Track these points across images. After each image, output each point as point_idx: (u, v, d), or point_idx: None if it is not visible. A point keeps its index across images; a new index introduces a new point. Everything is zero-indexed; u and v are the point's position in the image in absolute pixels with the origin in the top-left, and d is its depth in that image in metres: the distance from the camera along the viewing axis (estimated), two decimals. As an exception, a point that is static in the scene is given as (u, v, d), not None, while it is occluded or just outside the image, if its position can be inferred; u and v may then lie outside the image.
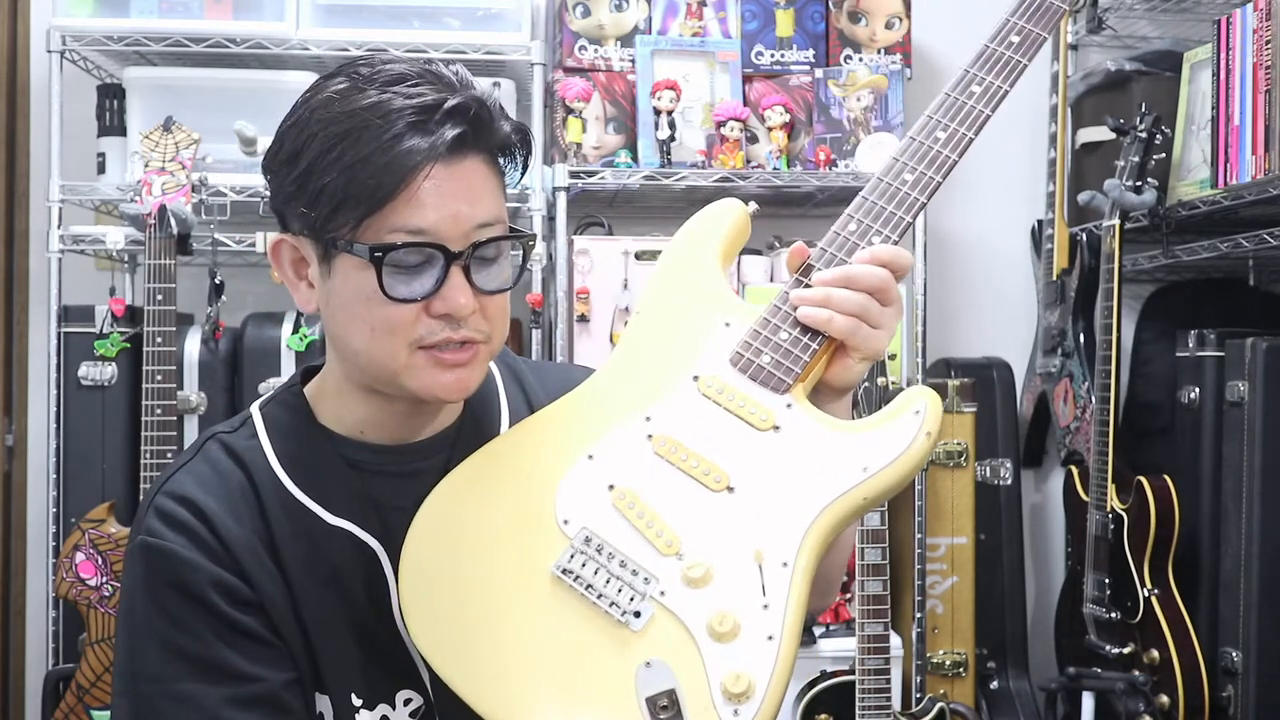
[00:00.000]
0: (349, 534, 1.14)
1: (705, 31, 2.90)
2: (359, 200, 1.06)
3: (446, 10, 2.74)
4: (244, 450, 1.16)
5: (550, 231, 2.76)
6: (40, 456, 2.81)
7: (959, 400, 2.88)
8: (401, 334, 1.09)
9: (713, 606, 1.00)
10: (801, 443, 1.08)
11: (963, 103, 1.20)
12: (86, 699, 2.45)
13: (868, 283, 1.11)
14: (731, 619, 1.00)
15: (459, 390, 1.13)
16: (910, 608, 2.78)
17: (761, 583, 1.01)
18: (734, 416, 1.10)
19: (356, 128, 1.07)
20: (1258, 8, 2.42)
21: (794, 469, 1.07)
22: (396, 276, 1.08)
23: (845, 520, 1.06)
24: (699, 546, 1.04)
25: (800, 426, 1.09)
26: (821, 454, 1.07)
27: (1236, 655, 2.53)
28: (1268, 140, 2.37)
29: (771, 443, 1.08)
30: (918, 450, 1.06)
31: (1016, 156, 3.22)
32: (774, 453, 1.08)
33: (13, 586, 3.00)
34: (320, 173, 1.07)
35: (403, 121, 1.06)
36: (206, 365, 2.64)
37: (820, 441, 1.08)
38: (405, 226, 1.07)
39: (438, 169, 1.07)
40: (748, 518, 1.05)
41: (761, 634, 0.99)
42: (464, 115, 1.08)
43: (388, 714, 1.15)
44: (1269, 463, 2.52)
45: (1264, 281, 2.92)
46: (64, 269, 2.66)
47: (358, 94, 1.08)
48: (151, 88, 2.72)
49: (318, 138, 1.08)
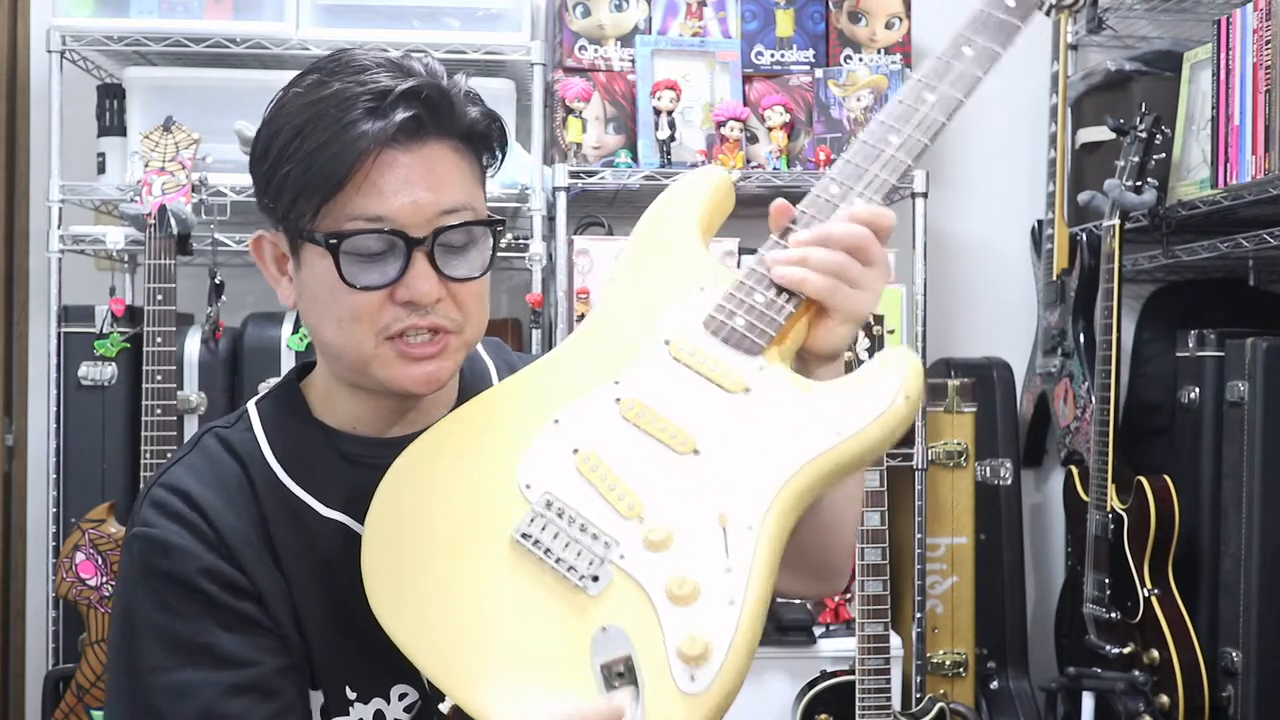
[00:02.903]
0: (342, 526, 1.14)
1: (705, 31, 2.90)
2: (315, 188, 1.07)
3: (446, 10, 2.74)
4: (240, 444, 1.16)
5: (550, 231, 2.76)
6: (40, 456, 2.81)
7: (959, 400, 2.88)
8: (367, 322, 1.09)
9: (673, 570, 0.97)
10: (773, 405, 1.04)
11: (953, 65, 1.16)
12: (86, 699, 2.45)
13: (846, 241, 1.08)
14: (691, 582, 0.96)
15: (429, 383, 1.12)
16: (910, 608, 2.78)
17: (725, 545, 0.98)
18: (705, 379, 1.06)
19: (314, 117, 1.07)
20: (1258, 8, 2.42)
21: (764, 431, 1.03)
22: (357, 264, 1.08)
23: (817, 485, 1.02)
24: (662, 509, 1.00)
25: (772, 388, 1.05)
26: (793, 416, 1.03)
27: (1236, 655, 2.53)
28: (1268, 140, 2.37)
29: (741, 405, 1.04)
30: (894, 414, 1.01)
31: (1016, 156, 3.22)
32: (744, 415, 1.04)
33: (13, 586, 3.00)
34: (283, 164, 1.09)
35: (358, 109, 1.06)
36: (206, 365, 2.64)
37: (792, 403, 1.04)
38: (363, 213, 1.07)
39: (397, 155, 1.08)
40: (713, 481, 1.01)
41: (723, 598, 0.96)
42: (416, 98, 1.08)
43: (382, 709, 1.15)
44: (1269, 463, 2.51)
45: (1264, 281, 2.92)
46: (64, 269, 2.66)
47: (321, 87, 1.09)
48: (151, 88, 2.72)
49: (282, 131, 1.09)
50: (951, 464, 2.87)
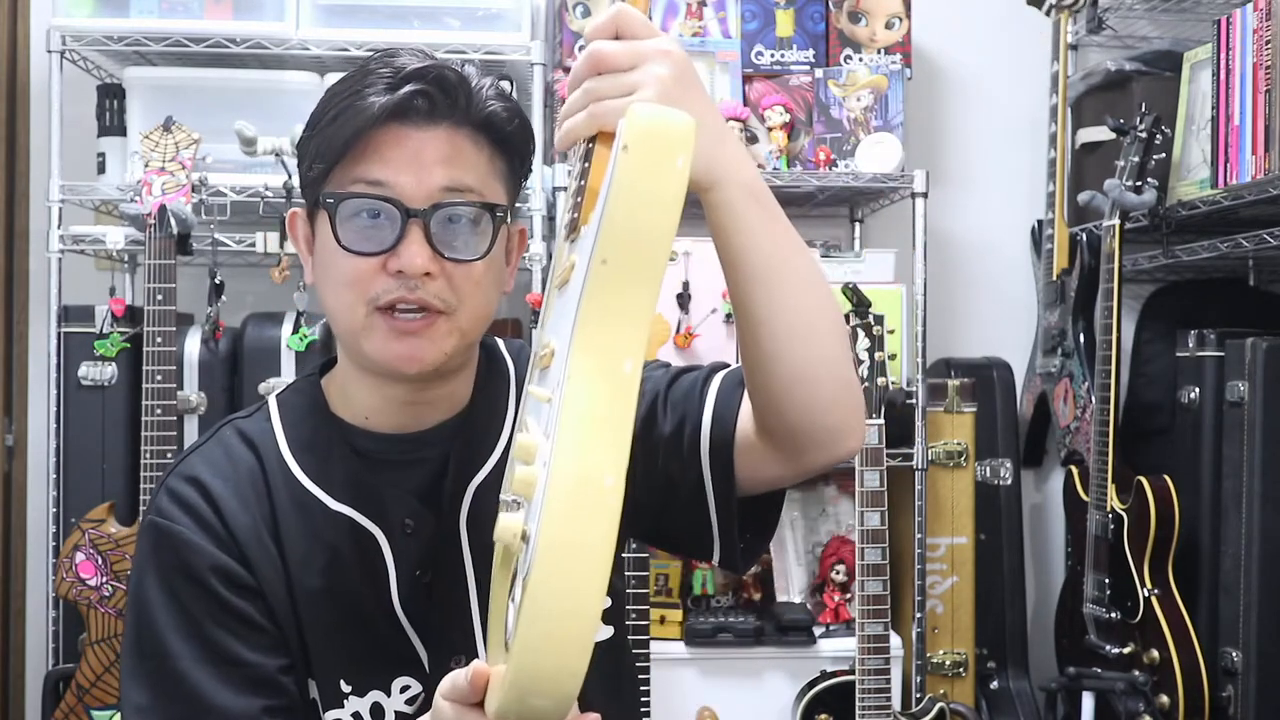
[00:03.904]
0: (351, 520, 1.16)
1: (705, 31, 2.90)
2: (325, 153, 1.11)
3: (446, 10, 2.74)
4: (256, 434, 1.19)
5: (550, 232, 2.76)
6: (40, 456, 2.81)
7: (959, 400, 2.88)
8: (359, 288, 1.10)
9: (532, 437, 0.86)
10: (575, 265, 0.90)
11: None
12: (86, 699, 2.45)
13: (582, 67, 0.99)
14: (530, 442, 0.85)
15: (412, 362, 1.12)
16: (910, 608, 2.78)
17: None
18: (559, 290, 0.93)
19: (339, 92, 1.12)
20: (1258, 8, 2.42)
21: (569, 297, 0.89)
22: (354, 229, 1.10)
23: (609, 299, 0.84)
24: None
25: (578, 252, 0.90)
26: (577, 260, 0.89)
27: (1236, 655, 2.53)
28: (1268, 140, 2.37)
29: (568, 289, 0.89)
30: (622, 173, 0.82)
31: (1016, 156, 3.22)
32: (567, 298, 0.90)
33: (13, 586, 3.00)
34: (311, 138, 1.14)
35: (372, 85, 1.10)
36: (206, 365, 2.64)
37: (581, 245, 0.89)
38: (364, 177, 1.10)
39: (409, 130, 1.10)
40: (557, 378, 0.86)
41: (540, 464, 0.83)
42: (427, 78, 1.10)
43: (381, 701, 1.16)
44: (1269, 463, 2.51)
45: (1264, 281, 2.92)
46: (64, 269, 2.66)
47: (357, 72, 1.14)
48: (151, 88, 2.72)
49: (316, 112, 1.15)
50: (951, 464, 2.87)
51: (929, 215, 2.78)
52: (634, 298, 0.84)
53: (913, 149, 3.01)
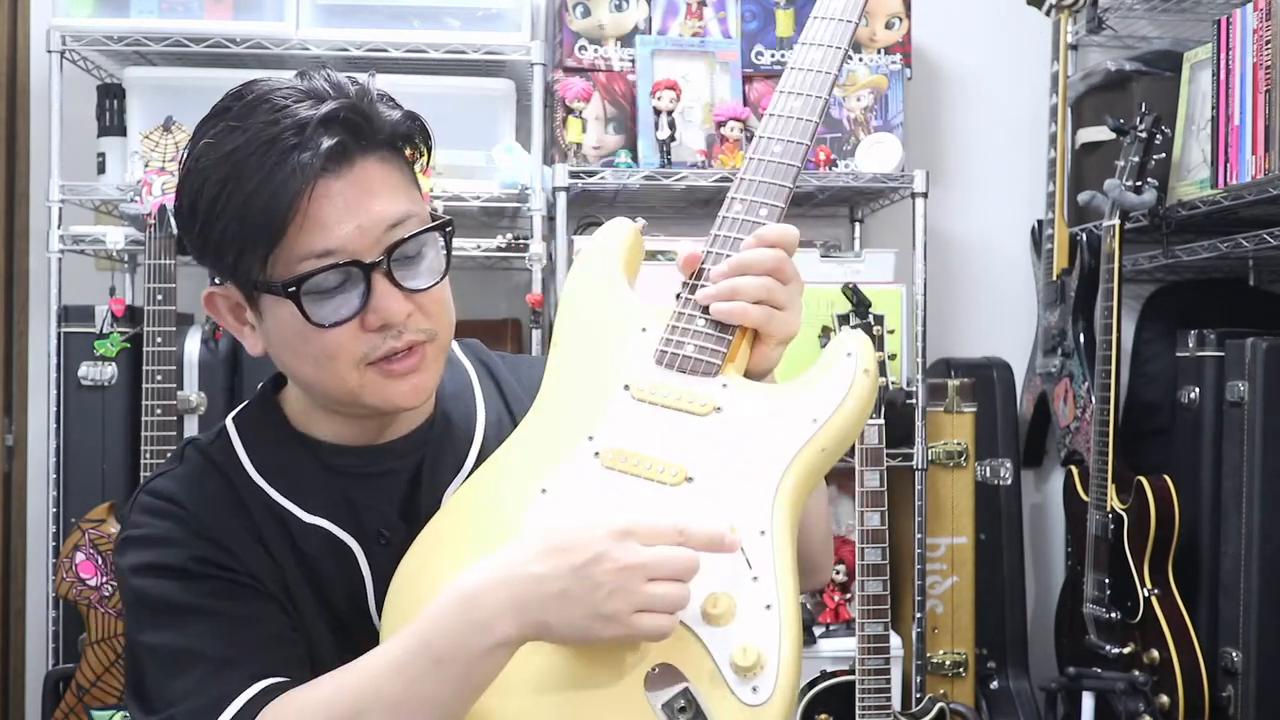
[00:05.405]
0: (326, 531, 1.16)
1: (705, 31, 2.90)
2: (257, 240, 1.05)
3: (446, 10, 2.74)
4: (220, 458, 1.17)
5: (550, 231, 2.76)
6: (40, 456, 2.81)
7: (959, 400, 2.88)
8: (344, 357, 1.09)
9: (702, 593, 0.99)
10: (747, 414, 1.08)
11: (809, 73, 1.20)
12: (86, 699, 2.45)
13: (765, 265, 1.11)
14: (724, 599, 0.99)
15: (417, 396, 1.13)
16: (910, 608, 2.78)
17: (745, 557, 1.00)
18: (674, 410, 1.10)
19: (236, 169, 1.05)
20: (1258, 8, 2.42)
21: (746, 440, 1.07)
22: (319, 303, 1.07)
23: (810, 476, 1.06)
24: None
25: (741, 400, 1.09)
26: (769, 418, 1.07)
27: (1236, 655, 2.53)
28: (1268, 140, 2.37)
29: (717, 424, 1.08)
30: (860, 389, 1.07)
31: (1016, 156, 3.22)
32: (722, 432, 1.08)
33: (13, 586, 3.00)
34: (216, 222, 1.06)
35: (277, 149, 1.04)
36: (206, 365, 2.64)
37: (765, 408, 1.08)
38: (311, 251, 1.06)
39: (330, 183, 1.06)
40: (714, 500, 1.04)
41: (759, 605, 0.99)
42: (336, 122, 1.06)
43: None
44: (1269, 463, 2.51)
45: (1264, 281, 2.92)
46: (64, 269, 2.66)
47: (231, 134, 1.06)
48: (151, 88, 2.72)
49: (206, 187, 1.06)
50: (951, 464, 2.87)
51: (929, 215, 2.78)
52: (823, 472, 1.10)
53: (913, 149, 3.01)
